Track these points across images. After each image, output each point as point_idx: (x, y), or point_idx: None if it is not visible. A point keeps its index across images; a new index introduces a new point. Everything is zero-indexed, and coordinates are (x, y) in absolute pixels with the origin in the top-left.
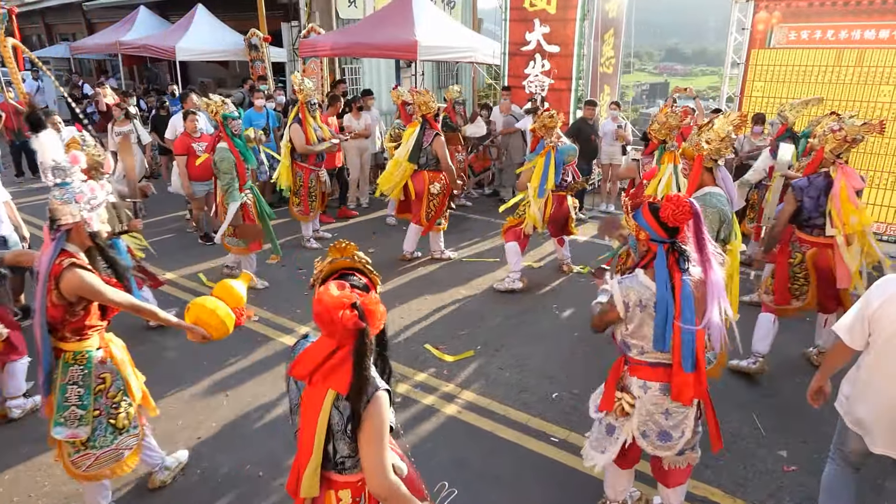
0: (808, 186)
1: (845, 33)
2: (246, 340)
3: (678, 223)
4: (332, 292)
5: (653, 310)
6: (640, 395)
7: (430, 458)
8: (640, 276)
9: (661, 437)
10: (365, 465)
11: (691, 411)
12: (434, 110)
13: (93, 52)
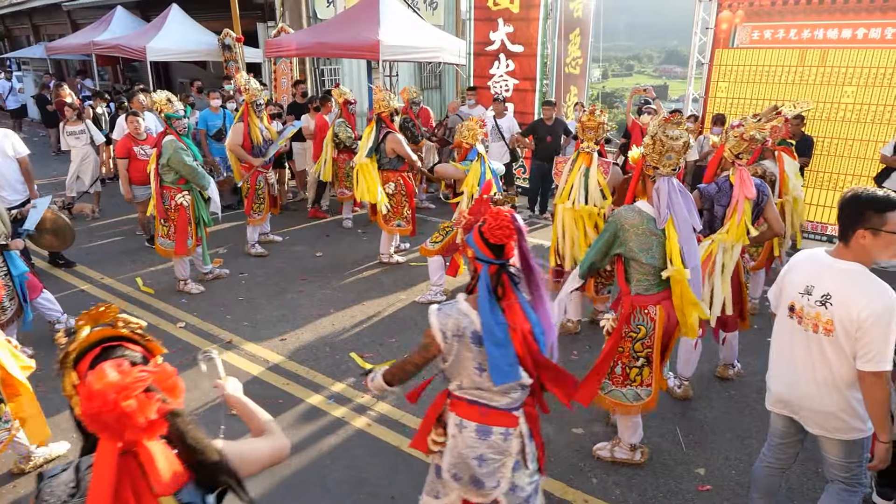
0: (718, 193)
1: (808, 33)
2: (166, 345)
3: (498, 240)
4: (110, 378)
5: (469, 340)
6: (455, 433)
7: (326, 475)
8: (461, 301)
9: (472, 483)
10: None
11: (510, 460)
12: (390, 109)
13: (68, 52)
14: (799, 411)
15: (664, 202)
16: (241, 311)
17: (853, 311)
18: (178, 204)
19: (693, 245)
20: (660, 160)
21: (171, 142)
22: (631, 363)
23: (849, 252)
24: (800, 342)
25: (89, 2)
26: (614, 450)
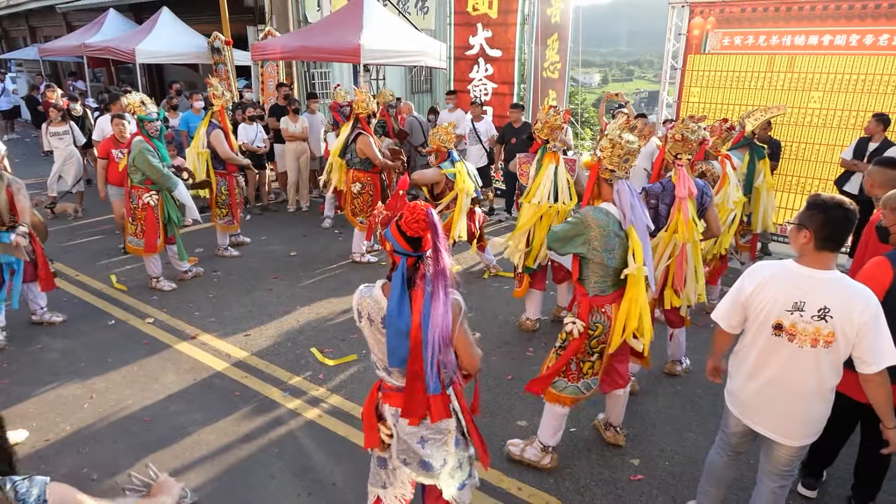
0: (663, 192)
1: (776, 39)
2: (132, 340)
3: (413, 233)
4: None
5: (381, 325)
6: (395, 423)
7: (272, 463)
8: (377, 289)
9: (422, 466)
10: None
11: (451, 437)
12: (368, 111)
13: (60, 54)
14: (775, 428)
15: (626, 203)
16: (210, 307)
17: (854, 318)
18: (146, 203)
19: (648, 246)
20: (619, 164)
21: (139, 142)
22: (585, 359)
23: (833, 259)
24: (790, 358)
25: (83, 4)
26: (526, 449)
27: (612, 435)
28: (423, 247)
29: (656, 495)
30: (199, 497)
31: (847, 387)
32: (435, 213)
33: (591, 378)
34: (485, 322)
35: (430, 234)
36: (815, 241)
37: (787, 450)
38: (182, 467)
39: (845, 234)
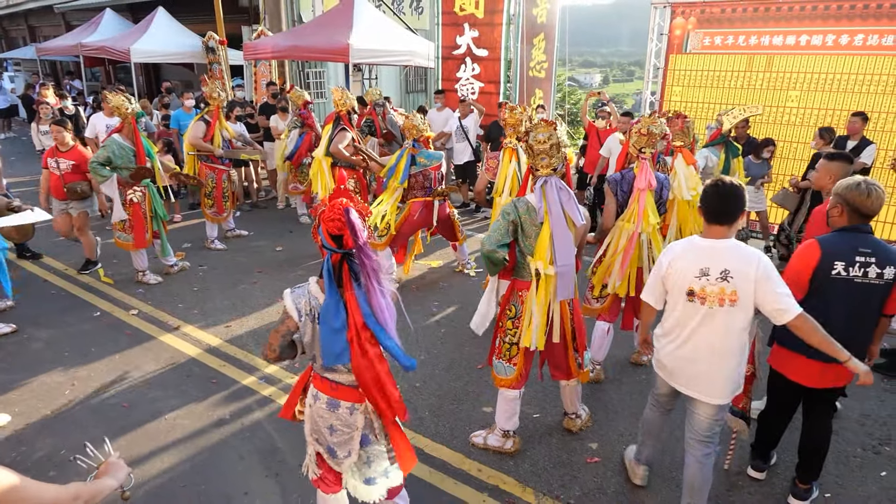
0: (621, 181)
1: (755, 39)
2: (116, 330)
3: (332, 230)
4: None
5: (318, 320)
6: (311, 403)
7: (243, 445)
8: (312, 284)
9: (328, 451)
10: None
11: (357, 434)
12: (347, 107)
13: (56, 53)
14: (695, 386)
15: (538, 197)
16: (194, 300)
17: (750, 274)
18: (130, 200)
19: (565, 243)
20: (536, 162)
21: (111, 140)
22: (505, 337)
23: (729, 231)
24: (702, 320)
25: (81, 4)
26: (488, 437)
27: (566, 421)
28: (345, 244)
29: (610, 476)
30: (176, 479)
31: (782, 366)
32: (354, 213)
33: (509, 364)
34: (464, 315)
35: (347, 232)
36: (704, 215)
37: (707, 409)
38: (157, 449)
39: (722, 206)
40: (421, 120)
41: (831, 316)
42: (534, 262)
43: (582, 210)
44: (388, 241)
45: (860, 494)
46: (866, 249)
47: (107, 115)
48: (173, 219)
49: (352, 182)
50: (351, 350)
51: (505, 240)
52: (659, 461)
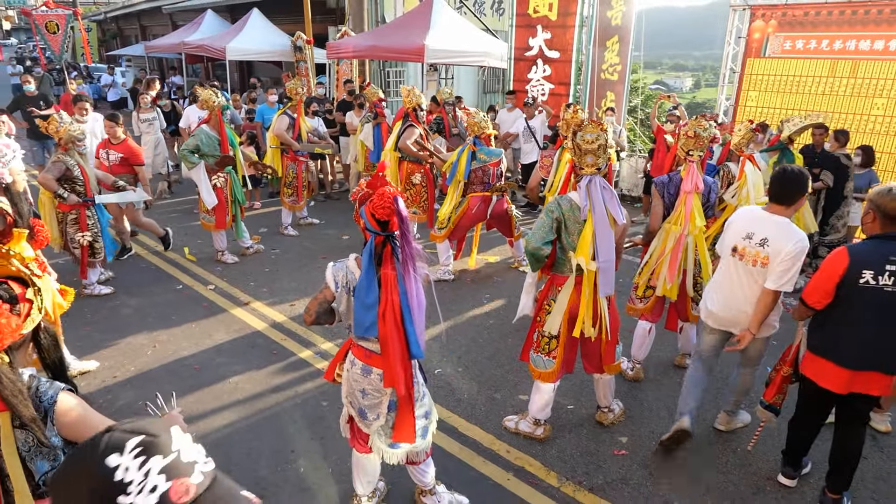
0: (668, 183)
1: (840, 44)
2: (195, 302)
3: (381, 216)
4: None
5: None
6: (348, 368)
7: (295, 411)
8: (350, 261)
9: (360, 414)
10: None
11: (385, 399)
12: (414, 104)
13: (162, 51)
14: (734, 325)
15: (582, 196)
16: (264, 279)
17: (782, 250)
18: (215, 185)
19: (607, 240)
20: (581, 161)
21: (199, 130)
22: (543, 332)
23: (786, 210)
24: (740, 273)
25: (186, 5)
26: (520, 423)
27: (599, 414)
28: (390, 228)
29: (636, 469)
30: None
31: (812, 372)
32: (401, 201)
33: (548, 358)
34: (512, 309)
35: (395, 219)
36: (768, 194)
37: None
38: (219, 407)
39: (783, 189)
40: (483, 118)
41: (861, 324)
42: (576, 257)
43: (623, 210)
44: (446, 234)
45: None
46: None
47: (199, 108)
48: (253, 206)
49: (418, 176)
50: (379, 323)
51: (549, 237)
52: (682, 460)
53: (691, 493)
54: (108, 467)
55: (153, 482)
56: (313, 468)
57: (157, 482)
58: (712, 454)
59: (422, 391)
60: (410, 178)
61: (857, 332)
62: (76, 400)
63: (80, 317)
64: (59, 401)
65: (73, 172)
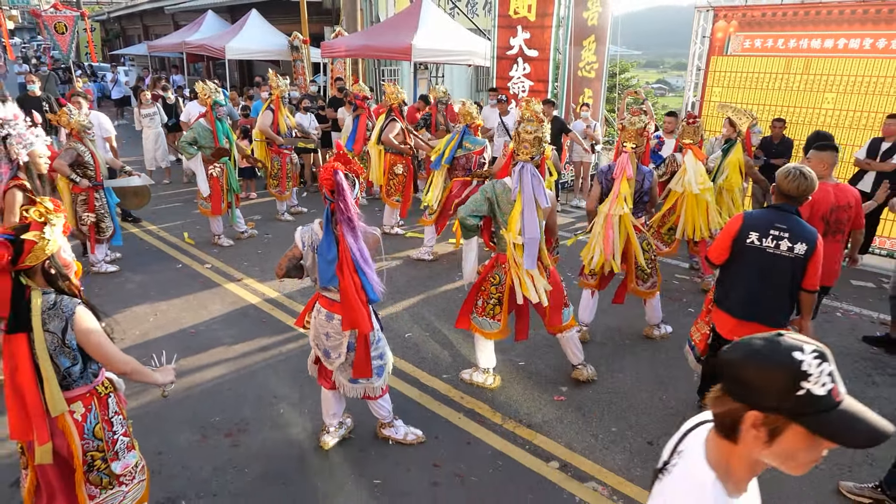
0: (607, 171)
1: (794, 42)
2: (192, 279)
3: (326, 186)
4: None
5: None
6: (315, 315)
7: (280, 367)
8: (315, 224)
9: (325, 354)
10: (98, 359)
11: (345, 341)
12: (398, 101)
13: (164, 50)
14: None
15: (514, 179)
16: (256, 260)
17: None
18: (211, 174)
19: (532, 219)
20: (518, 148)
21: (197, 124)
22: (489, 300)
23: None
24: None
25: (188, 6)
26: (473, 374)
27: (575, 372)
28: (337, 196)
29: (571, 412)
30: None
31: (715, 320)
32: (341, 175)
33: (493, 321)
34: None
35: (336, 188)
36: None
37: None
38: (212, 363)
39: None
40: (476, 109)
41: (745, 275)
42: (506, 233)
43: (548, 195)
44: (435, 218)
45: None
46: (782, 226)
47: (200, 104)
48: (249, 196)
49: (400, 167)
50: (338, 274)
51: (478, 211)
52: (618, 419)
53: (617, 428)
54: (796, 359)
55: (826, 379)
56: (291, 410)
57: (827, 381)
58: (640, 400)
59: (377, 336)
60: (393, 169)
61: (743, 285)
62: (91, 320)
63: (89, 291)
64: (77, 313)
65: (84, 158)
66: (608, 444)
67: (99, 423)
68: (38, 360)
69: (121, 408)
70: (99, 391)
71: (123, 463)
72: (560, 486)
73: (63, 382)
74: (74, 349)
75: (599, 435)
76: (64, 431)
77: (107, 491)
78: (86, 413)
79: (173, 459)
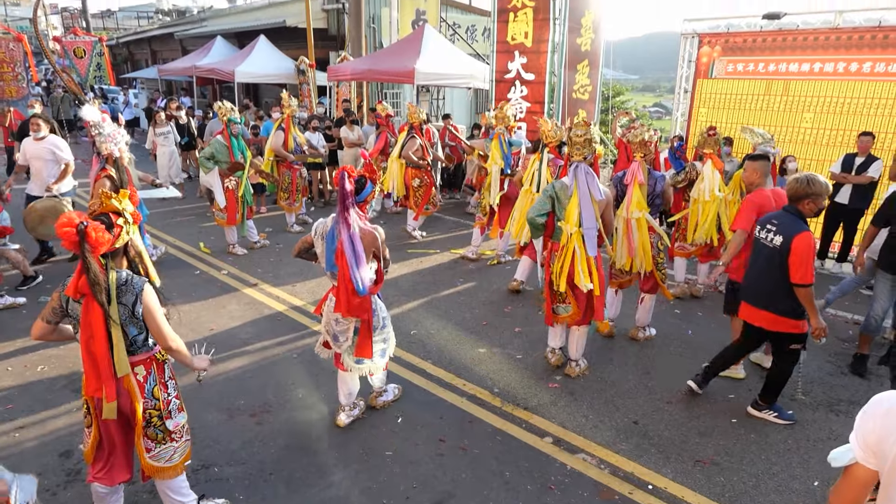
0: (621, 178)
1: (774, 66)
2: (210, 283)
3: (334, 184)
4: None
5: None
6: (327, 304)
7: (294, 360)
8: (329, 218)
9: (334, 338)
10: (153, 333)
11: (351, 325)
12: (419, 120)
13: (174, 74)
14: None
15: (570, 178)
16: (270, 267)
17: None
18: (227, 187)
19: (588, 211)
20: (572, 150)
21: (215, 140)
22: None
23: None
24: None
25: (197, 32)
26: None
27: (568, 368)
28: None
29: (565, 396)
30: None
31: (740, 310)
32: (346, 180)
33: (566, 305)
34: (479, 290)
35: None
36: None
37: None
38: (233, 354)
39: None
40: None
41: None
42: (564, 224)
43: (603, 188)
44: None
45: None
46: (776, 221)
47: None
48: (259, 210)
49: (417, 181)
50: (337, 261)
51: (544, 209)
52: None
53: (605, 410)
54: None
55: None
56: (309, 394)
57: None
58: (627, 387)
59: (381, 322)
60: (412, 182)
61: (752, 275)
62: (155, 297)
63: None
64: (144, 289)
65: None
66: (597, 423)
67: (157, 385)
68: (110, 329)
69: (173, 373)
70: (157, 357)
71: (175, 422)
72: (553, 456)
73: (130, 349)
74: (141, 320)
75: (589, 416)
76: (129, 391)
77: (161, 445)
78: (146, 375)
79: (204, 434)
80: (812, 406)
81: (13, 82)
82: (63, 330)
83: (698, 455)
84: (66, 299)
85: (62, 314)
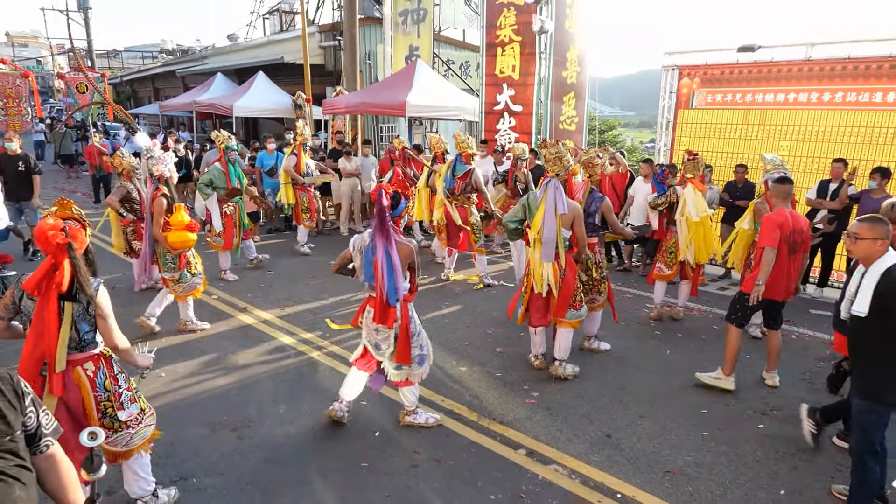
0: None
1: (751, 97)
2: (200, 307)
3: (372, 199)
4: (47, 221)
5: (362, 254)
6: (366, 316)
7: (279, 377)
8: (366, 233)
9: (375, 347)
10: (103, 332)
11: (391, 334)
12: (441, 150)
13: (175, 109)
14: None
15: (541, 191)
16: (259, 292)
17: None
18: (225, 212)
19: (551, 223)
20: (547, 166)
21: (213, 167)
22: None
23: None
24: None
25: (197, 69)
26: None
27: (552, 368)
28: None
29: (541, 411)
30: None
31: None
32: (383, 196)
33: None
34: (463, 313)
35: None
36: None
37: None
38: (219, 372)
39: None
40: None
41: None
42: (530, 231)
43: (570, 203)
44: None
45: None
46: None
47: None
48: (253, 239)
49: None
50: (375, 273)
51: (516, 216)
52: (573, 410)
53: (579, 424)
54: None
55: None
56: (289, 410)
57: None
58: (602, 403)
59: (418, 330)
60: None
61: None
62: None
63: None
64: (100, 290)
65: (132, 195)
66: (571, 437)
67: (107, 379)
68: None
69: (122, 368)
70: (105, 353)
71: (128, 412)
72: (525, 467)
73: (79, 346)
74: (93, 317)
75: (564, 429)
76: (79, 385)
77: (116, 434)
78: (96, 371)
79: (185, 448)
80: (783, 420)
81: (17, 117)
82: (14, 328)
83: (668, 466)
84: (20, 294)
85: (14, 310)
